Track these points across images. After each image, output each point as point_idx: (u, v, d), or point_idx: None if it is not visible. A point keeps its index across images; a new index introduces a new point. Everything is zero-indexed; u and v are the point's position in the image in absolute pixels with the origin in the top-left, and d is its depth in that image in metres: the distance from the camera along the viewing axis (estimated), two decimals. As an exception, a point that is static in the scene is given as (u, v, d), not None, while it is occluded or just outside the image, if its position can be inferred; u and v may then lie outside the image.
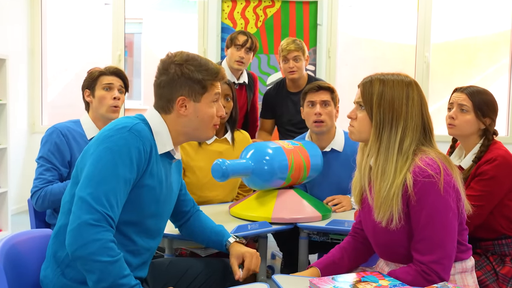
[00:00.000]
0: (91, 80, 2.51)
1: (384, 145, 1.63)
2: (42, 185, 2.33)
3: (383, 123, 1.63)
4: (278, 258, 3.87)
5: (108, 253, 1.49)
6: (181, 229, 2.05)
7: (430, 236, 1.57)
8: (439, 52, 5.44)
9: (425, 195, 1.57)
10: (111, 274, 1.49)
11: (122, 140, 1.57)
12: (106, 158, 1.55)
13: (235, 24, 5.16)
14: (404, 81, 1.66)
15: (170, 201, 1.81)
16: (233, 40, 3.43)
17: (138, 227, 1.67)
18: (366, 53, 5.79)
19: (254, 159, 2.43)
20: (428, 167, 1.57)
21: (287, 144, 2.56)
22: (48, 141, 2.38)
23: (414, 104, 1.63)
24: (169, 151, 1.73)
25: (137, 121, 1.65)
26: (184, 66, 1.69)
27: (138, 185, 1.62)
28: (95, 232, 1.49)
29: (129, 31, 7.34)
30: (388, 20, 5.62)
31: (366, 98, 1.67)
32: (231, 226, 2.23)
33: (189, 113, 1.71)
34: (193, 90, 1.69)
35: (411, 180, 1.57)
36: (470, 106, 2.28)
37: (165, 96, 1.71)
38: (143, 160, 1.60)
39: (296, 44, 3.45)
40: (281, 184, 2.51)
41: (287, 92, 3.57)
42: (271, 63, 5.12)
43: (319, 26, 5.12)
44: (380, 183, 1.63)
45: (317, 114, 2.65)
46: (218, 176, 2.32)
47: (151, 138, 1.65)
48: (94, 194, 1.51)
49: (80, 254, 1.48)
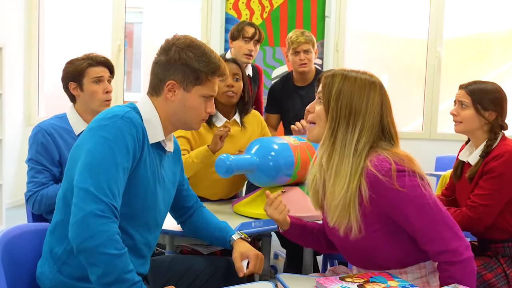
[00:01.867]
0: (77, 72, 2.43)
1: (339, 143, 1.61)
2: (37, 189, 2.32)
3: (339, 119, 1.62)
4: (281, 258, 3.88)
5: (115, 245, 1.49)
6: (183, 226, 2.06)
7: (438, 236, 1.54)
8: (451, 47, 5.43)
9: (394, 198, 1.54)
10: (117, 268, 1.48)
11: (116, 128, 1.57)
12: (102, 147, 1.55)
13: (239, 15, 5.15)
14: (367, 80, 1.65)
15: (166, 194, 1.81)
16: (240, 32, 3.41)
17: (135, 220, 1.67)
18: (374, 47, 5.78)
19: (259, 155, 2.43)
20: (379, 169, 1.54)
21: (294, 140, 2.56)
22: (34, 142, 2.36)
23: (374, 105, 1.62)
24: (160, 142, 1.73)
25: (128, 109, 1.66)
26: (185, 51, 1.69)
27: (132, 176, 1.62)
28: (102, 223, 1.48)
29: (129, 21, 7.34)
30: (397, 14, 5.61)
31: (325, 91, 1.66)
32: (234, 223, 2.24)
33: (176, 99, 1.71)
34: (186, 78, 1.70)
35: (365, 187, 1.55)
36: (469, 101, 2.31)
37: (158, 76, 1.72)
38: (137, 148, 1.61)
39: (306, 36, 3.45)
40: (287, 181, 2.51)
41: (294, 86, 3.56)
42: (277, 56, 5.12)
43: (327, 19, 5.12)
44: (333, 185, 1.61)
45: None
46: (222, 172, 2.33)
47: (142, 125, 1.66)
48: (97, 184, 1.51)
49: (86, 246, 1.47)
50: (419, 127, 5.37)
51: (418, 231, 1.56)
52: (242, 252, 1.85)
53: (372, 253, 1.65)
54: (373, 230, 1.60)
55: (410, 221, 1.56)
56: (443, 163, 3.91)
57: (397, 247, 1.63)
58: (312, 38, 3.48)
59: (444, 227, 1.55)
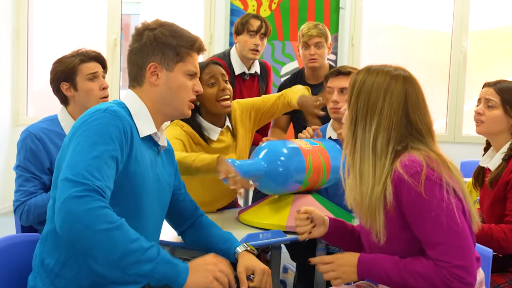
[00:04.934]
0: (69, 70, 2.42)
1: (360, 142, 1.64)
2: (24, 198, 2.33)
3: (357, 119, 1.65)
4: (291, 272, 3.88)
5: (106, 219, 1.47)
6: (184, 236, 2.07)
7: (442, 241, 1.55)
8: (477, 41, 5.41)
9: (414, 202, 1.56)
10: (118, 242, 1.47)
11: (97, 121, 1.60)
12: (83, 141, 1.57)
13: (246, 6, 5.16)
14: (389, 73, 1.66)
15: (160, 194, 1.82)
16: (245, 25, 3.42)
17: (132, 223, 1.64)
18: (393, 40, 5.75)
19: (267, 160, 2.43)
20: (407, 170, 1.55)
21: (305, 144, 2.56)
22: (23, 147, 2.36)
23: (393, 99, 1.62)
24: (152, 135, 1.75)
25: (111, 104, 1.69)
26: (158, 30, 1.75)
27: (123, 173, 1.63)
28: (83, 202, 1.46)
29: (127, 12, 7.34)
30: (419, 4, 5.59)
31: (348, 90, 1.71)
32: (241, 234, 2.24)
33: (161, 82, 1.76)
34: (166, 56, 1.75)
35: (390, 190, 1.57)
36: (497, 101, 2.31)
37: (137, 63, 1.76)
38: (124, 140, 1.62)
39: (319, 29, 3.45)
40: (298, 189, 2.52)
41: (305, 84, 3.57)
42: (286, 51, 5.12)
43: (342, 10, 5.11)
44: (360, 186, 1.64)
45: (334, 101, 2.72)
46: (227, 177, 2.34)
47: (129, 120, 1.68)
48: (74, 171, 1.50)
49: (75, 232, 1.45)
50: (442, 128, 5.35)
51: (427, 241, 1.58)
52: (247, 266, 1.85)
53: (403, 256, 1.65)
54: (398, 237, 1.62)
55: (421, 230, 1.58)
56: (469, 169, 3.88)
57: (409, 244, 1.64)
58: (325, 31, 3.49)
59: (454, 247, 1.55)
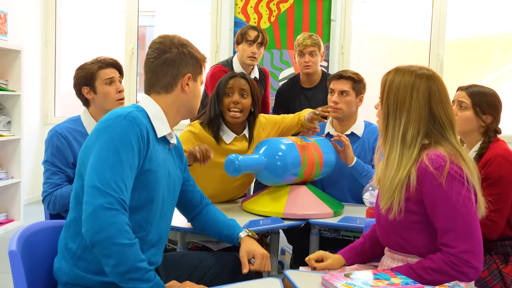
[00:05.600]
0: (89, 76, 2.44)
1: (390, 135, 1.67)
2: (51, 190, 2.34)
3: (389, 114, 1.67)
4: (288, 254, 3.88)
5: (126, 236, 1.51)
6: (193, 223, 2.07)
7: (453, 228, 1.57)
8: (453, 49, 5.40)
9: (434, 191, 1.58)
10: (129, 257, 1.50)
11: (120, 127, 1.61)
12: (108, 147, 1.58)
13: (248, 19, 5.15)
14: (414, 72, 1.67)
15: (172, 187, 1.83)
16: (244, 35, 3.42)
17: (145, 213, 1.69)
18: (378, 49, 5.75)
19: (267, 155, 2.44)
20: (433, 163, 1.58)
21: (300, 141, 2.56)
22: (50, 145, 2.38)
23: (419, 95, 1.64)
24: (166, 135, 1.77)
25: (131, 109, 1.69)
26: (187, 46, 1.80)
27: (140, 172, 1.64)
28: (111, 215, 1.51)
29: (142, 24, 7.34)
30: (401, 16, 5.58)
31: (381, 89, 1.73)
32: (243, 220, 2.25)
33: (190, 90, 1.80)
34: (195, 69, 1.81)
35: (415, 176, 1.60)
36: (469, 103, 2.31)
37: (170, 73, 1.77)
38: (142, 146, 1.64)
39: (313, 39, 3.46)
40: (294, 180, 2.52)
41: (301, 87, 3.57)
42: (284, 59, 5.12)
43: (333, 22, 5.11)
44: (385, 170, 1.68)
45: (334, 102, 2.75)
46: (231, 171, 2.34)
47: (147, 123, 1.69)
48: (103, 180, 1.54)
49: (98, 238, 1.49)
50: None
51: (440, 227, 1.60)
52: (249, 251, 1.87)
53: (403, 235, 1.68)
54: (409, 214, 1.64)
55: (437, 217, 1.60)
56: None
57: (426, 236, 1.65)
58: (318, 41, 3.49)
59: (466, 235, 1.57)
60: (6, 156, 4.62)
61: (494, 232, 2.20)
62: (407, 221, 1.66)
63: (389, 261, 1.77)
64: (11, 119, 4.59)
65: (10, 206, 4.64)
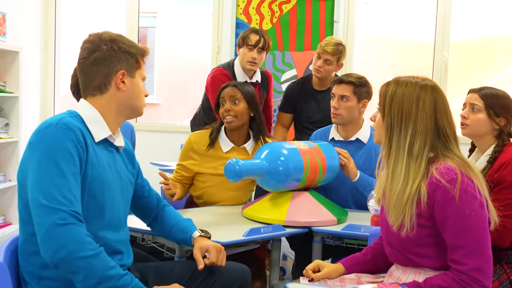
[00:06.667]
0: None
1: (394, 147, 1.61)
2: None
3: (392, 125, 1.61)
4: (290, 259, 3.80)
5: (88, 247, 1.45)
6: (152, 228, 2.02)
7: (463, 244, 1.51)
8: (457, 51, 5.33)
9: (446, 205, 1.52)
10: (97, 268, 1.44)
11: (53, 137, 1.53)
12: (45, 160, 1.50)
13: (250, 20, 5.08)
14: (418, 83, 1.62)
15: (123, 191, 1.75)
16: (245, 39, 3.32)
17: (98, 220, 1.61)
18: (381, 51, 5.68)
19: (268, 160, 2.36)
20: (444, 176, 1.52)
21: (303, 145, 2.48)
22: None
23: (425, 107, 1.59)
24: (107, 138, 1.68)
25: (63, 115, 1.61)
26: (116, 42, 1.69)
27: (84, 178, 1.57)
28: (67, 230, 1.44)
29: (144, 25, 7.30)
30: (404, 17, 5.51)
31: (380, 100, 1.67)
32: (244, 228, 2.17)
33: (127, 88, 1.71)
34: (130, 64, 1.71)
35: (425, 192, 1.54)
36: (481, 105, 2.24)
37: (102, 72, 1.68)
38: (81, 151, 1.56)
39: (335, 48, 3.30)
40: (296, 186, 2.44)
41: (312, 89, 3.47)
42: (286, 60, 5.04)
43: (336, 24, 5.02)
44: (391, 184, 1.61)
45: (334, 107, 2.68)
46: (231, 176, 2.26)
47: (83, 128, 1.61)
48: (49, 197, 1.46)
49: (59, 257, 1.42)
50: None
51: (450, 243, 1.54)
52: (201, 247, 1.82)
53: (415, 251, 1.61)
54: (421, 229, 1.58)
55: (447, 232, 1.53)
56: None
57: (440, 248, 1.58)
58: (339, 52, 3.32)
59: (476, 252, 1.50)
60: (4, 159, 4.57)
61: (506, 238, 2.12)
62: (419, 236, 1.59)
63: (399, 272, 1.69)
64: (9, 121, 4.54)
65: (8, 209, 4.57)
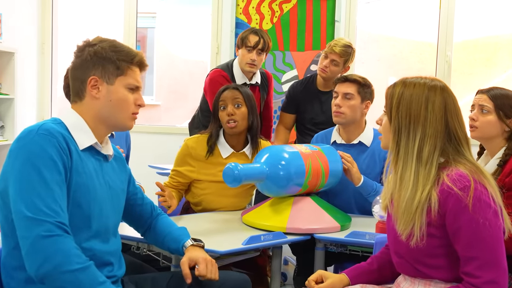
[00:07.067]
0: None
1: (402, 151, 1.52)
2: None
3: (400, 129, 1.52)
4: (291, 264, 3.71)
5: (76, 260, 1.35)
6: (145, 237, 1.92)
7: (477, 256, 1.42)
8: (458, 51, 5.26)
9: (458, 214, 1.43)
10: (85, 283, 1.35)
11: (35, 144, 1.43)
12: (27, 169, 1.41)
13: (250, 20, 4.99)
14: (426, 84, 1.53)
15: (113, 200, 1.65)
16: (244, 40, 3.22)
17: (86, 231, 1.52)
18: (383, 50, 5.60)
19: (268, 164, 2.27)
20: (456, 183, 1.43)
21: (305, 149, 2.39)
22: None
23: (435, 109, 1.50)
24: (93, 145, 1.59)
25: (44, 122, 1.52)
26: (98, 45, 1.60)
27: (68, 186, 1.48)
28: (53, 242, 1.34)
29: (143, 25, 7.22)
30: (406, 17, 5.44)
31: (387, 102, 1.58)
32: (243, 236, 2.08)
33: (102, 95, 1.59)
34: (106, 70, 1.59)
35: (436, 200, 1.45)
36: (491, 107, 2.16)
37: (78, 78, 1.60)
38: (65, 158, 1.46)
39: (344, 50, 3.20)
40: (297, 191, 2.34)
41: (316, 89, 3.38)
42: (287, 61, 4.95)
43: (337, 23, 4.94)
44: (399, 191, 1.52)
45: (336, 105, 2.58)
46: (230, 181, 2.17)
47: (66, 134, 1.51)
48: (32, 208, 1.36)
49: (45, 271, 1.33)
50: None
51: (462, 254, 1.45)
52: (190, 257, 1.72)
53: (425, 262, 1.52)
54: (431, 238, 1.49)
55: (460, 242, 1.44)
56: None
57: (452, 260, 1.49)
58: (347, 54, 3.23)
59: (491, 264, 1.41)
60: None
61: None
62: (429, 246, 1.49)
63: (407, 283, 1.60)
64: (4, 123, 4.47)
65: None
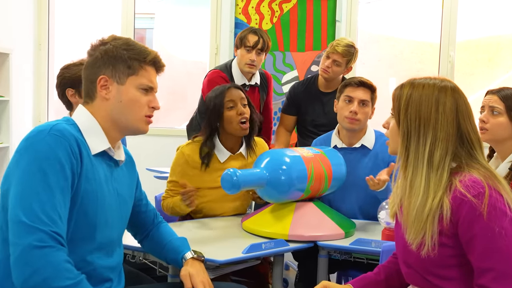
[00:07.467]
0: (77, 78, 2.19)
1: (412, 156, 1.43)
2: None
3: (410, 132, 1.44)
4: (292, 270, 3.62)
5: (66, 275, 1.26)
6: (142, 245, 1.82)
7: (493, 267, 1.33)
8: (460, 51, 5.19)
9: (472, 222, 1.34)
10: None
11: (44, 144, 1.33)
12: (32, 170, 1.31)
13: (249, 20, 4.91)
14: (436, 85, 1.45)
15: (121, 209, 1.56)
16: (242, 40, 3.14)
17: (89, 243, 1.43)
18: (383, 51, 5.52)
19: (269, 169, 2.18)
20: (470, 190, 1.35)
21: (307, 152, 2.30)
22: None
23: (446, 111, 1.42)
24: (106, 150, 1.49)
25: (57, 121, 1.42)
26: (110, 43, 1.51)
27: (75, 193, 1.38)
28: (44, 254, 1.25)
29: (141, 26, 7.15)
30: (407, 17, 5.36)
31: (394, 104, 1.49)
32: (244, 243, 1.99)
33: (112, 96, 1.49)
34: (117, 69, 1.49)
35: (449, 207, 1.36)
36: (502, 108, 2.09)
37: (89, 77, 1.51)
38: (74, 162, 1.36)
39: (347, 50, 3.13)
40: (300, 197, 2.26)
41: (318, 91, 3.29)
42: (287, 61, 4.86)
43: (338, 23, 4.86)
44: (409, 198, 1.43)
45: (353, 112, 2.46)
46: (228, 187, 2.08)
47: (79, 137, 1.41)
48: (29, 214, 1.26)
49: (32, 285, 1.23)
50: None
51: (477, 266, 1.36)
52: (191, 274, 1.63)
53: (437, 273, 1.43)
54: (443, 248, 1.40)
55: (474, 253, 1.35)
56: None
57: (465, 270, 1.41)
58: (350, 54, 3.15)
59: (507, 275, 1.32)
60: (-6, 165, 4.40)
61: None
62: (441, 256, 1.40)
63: None
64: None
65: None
